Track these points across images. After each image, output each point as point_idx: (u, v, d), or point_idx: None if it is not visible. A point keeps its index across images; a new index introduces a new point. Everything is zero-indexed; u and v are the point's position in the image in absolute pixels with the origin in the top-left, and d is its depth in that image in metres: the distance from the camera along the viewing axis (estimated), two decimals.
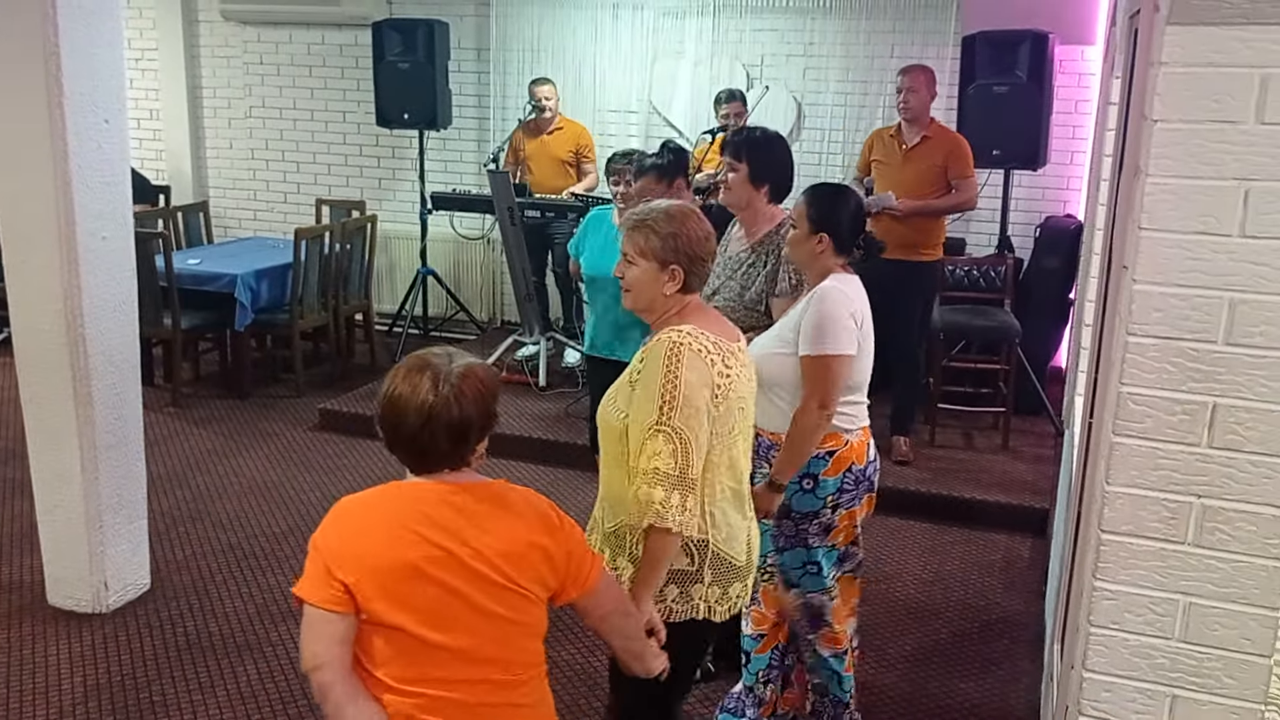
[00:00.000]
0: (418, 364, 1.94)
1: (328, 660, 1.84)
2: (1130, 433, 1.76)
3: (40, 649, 3.73)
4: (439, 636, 1.87)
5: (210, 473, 5.36)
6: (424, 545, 1.86)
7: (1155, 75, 1.63)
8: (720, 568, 2.40)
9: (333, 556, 1.86)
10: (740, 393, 2.39)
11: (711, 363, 2.31)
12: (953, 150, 5.37)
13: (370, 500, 1.95)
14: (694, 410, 2.25)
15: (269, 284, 6.44)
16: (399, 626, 1.85)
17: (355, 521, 1.91)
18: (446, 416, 1.89)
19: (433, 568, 1.86)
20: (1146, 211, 1.67)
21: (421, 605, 1.85)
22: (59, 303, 3.68)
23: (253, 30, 8.09)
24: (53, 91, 3.51)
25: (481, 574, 1.88)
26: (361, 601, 1.84)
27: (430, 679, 1.88)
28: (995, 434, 5.80)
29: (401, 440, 1.92)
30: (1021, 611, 4.21)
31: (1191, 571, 1.79)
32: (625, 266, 2.44)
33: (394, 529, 1.87)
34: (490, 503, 1.94)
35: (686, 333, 2.32)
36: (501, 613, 1.91)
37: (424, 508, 1.90)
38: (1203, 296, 1.68)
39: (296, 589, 1.88)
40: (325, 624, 1.84)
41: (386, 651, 1.87)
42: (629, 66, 7.30)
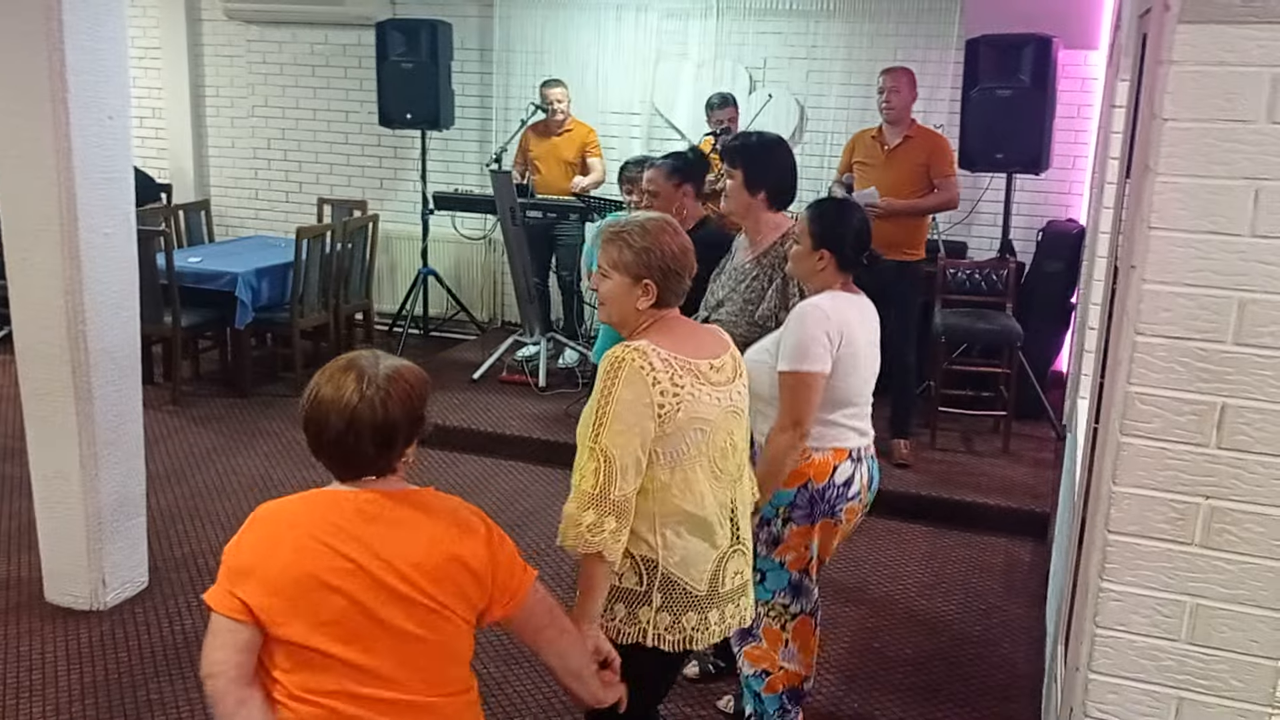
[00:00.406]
0: (344, 365, 1.88)
1: (222, 669, 1.79)
2: (1138, 433, 1.75)
3: (37, 645, 3.72)
4: (343, 651, 1.80)
5: (209, 471, 5.35)
6: (330, 556, 1.79)
7: (1165, 74, 1.63)
8: (672, 592, 2.31)
9: (235, 571, 1.81)
10: (700, 413, 2.26)
11: (654, 381, 2.20)
12: (934, 150, 5.40)
13: (283, 509, 1.88)
14: (624, 428, 2.17)
15: (270, 283, 6.43)
16: (301, 642, 1.79)
17: (264, 533, 1.85)
18: (371, 419, 1.82)
19: (338, 580, 1.79)
20: (1156, 210, 1.66)
21: (326, 619, 1.79)
22: (60, 298, 3.67)
23: (256, 29, 8.09)
24: (56, 86, 3.50)
25: (392, 588, 1.80)
26: (263, 618, 1.78)
27: (335, 692, 1.81)
28: (996, 438, 5.79)
29: (325, 445, 1.85)
30: (1022, 615, 4.20)
31: (1198, 573, 1.78)
32: (600, 279, 2.38)
33: (301, 539, 1.81)
34: (410, 511, 1.87)
35: (634, 349, 2.24)
36: (413, 630, 1.82)
37: (335, 517, 1.83)
38: (1212, 296, 1.67)
39: (205, 595, 1.84)
40: (227, 633, 1.80)
41: (289, 662, 1.81)
42: (632, 68, 7.30)
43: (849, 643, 3.94)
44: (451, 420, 5.78)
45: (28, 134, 3.56)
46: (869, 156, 5.50)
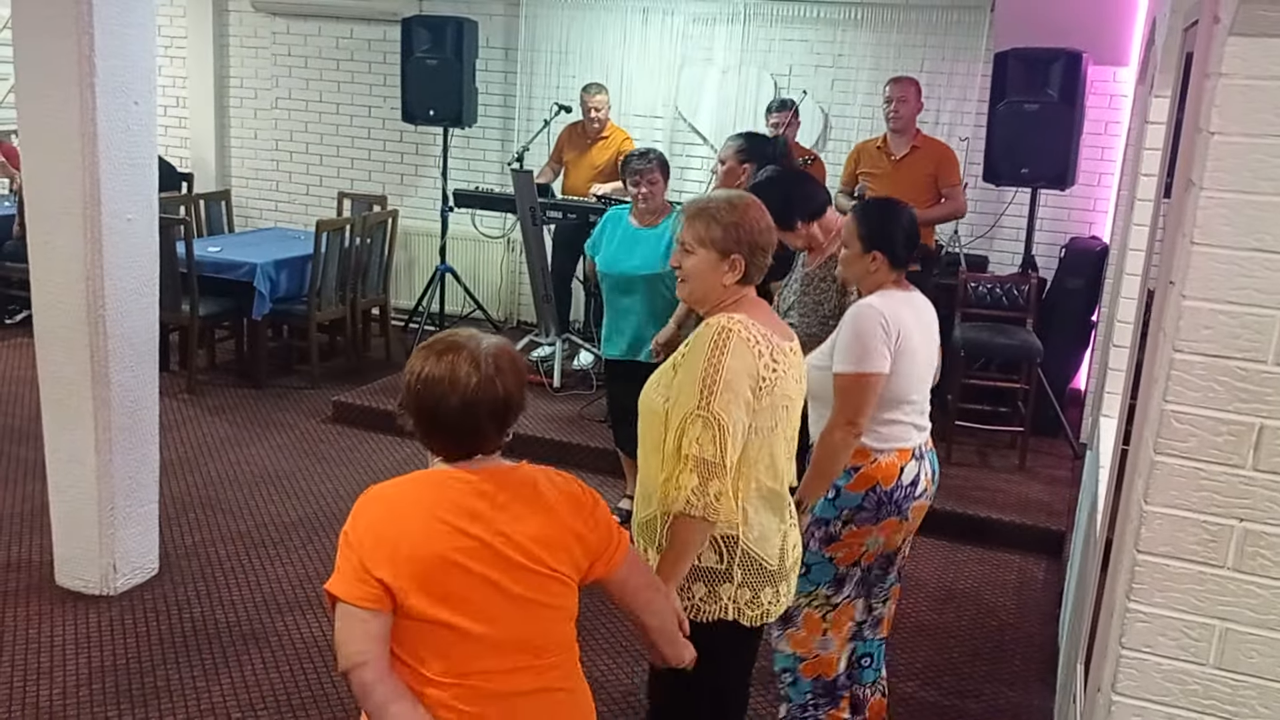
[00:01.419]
0: (447, 345, 1.87)
1: (368, 659, 1.77)
2: (1172, 452, 1.72)
3: (46, 629, 3.72)
4: (476, 627, 1.81)
5: (222, 460, 5.35)
6: (458, 536, 1.80)
7: (1214, 87, 1.59)
8: (750, 568, 2.34)
9: (367, 553, 1.78)
10: (786, 391, 2.32)
11: (759, 354, 2.25)
12: (942, 159, 5.40)
13: (400, 491, 1.87)
14: (734, 396, 2.20)
15: (288, 274, 6.43)
16: (438, 620, 1.79)
17: (387, 514, 1.83)
18: (491, 396, 1.83)
19: (467, 559, 1.80)
20: (1199, 226, 1.63)
21: (458, 597, 1.80)
22: (81, 283, 3.67)
23: (282, 22, 8.10)
24: (84, 71, 3.51)
25: (516, 561, 1.83)
26: (400, 597, 1.77)
27: (469, 671, 1.83)
28: (1012, 453, 5.75)
29: (442, 425, 1.84)
30: (1035, 633, 4.16)
31: (1229, 596, 1.74)
32: (682, 255, 2.37)
33: (427, 521, 1.80)
34: (521, 488, 1.89)
35: (738, 320, 2.27)
36: (536, 598, 1.86)
37: (456, 497, 1.83)
38: (1254, 315, 1.63)
39: (330, 585, 1.80)
40: (363, 621, 1.77)
41: (426, 645, 1.81)
42: (656, 72, 7.29)
43: None
44: None
45: (54, 118, 3.57)
46: (875, 167, 5.49)
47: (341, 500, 4.97)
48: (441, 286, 7.47)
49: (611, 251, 4.63)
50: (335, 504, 4.93)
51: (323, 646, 3.72)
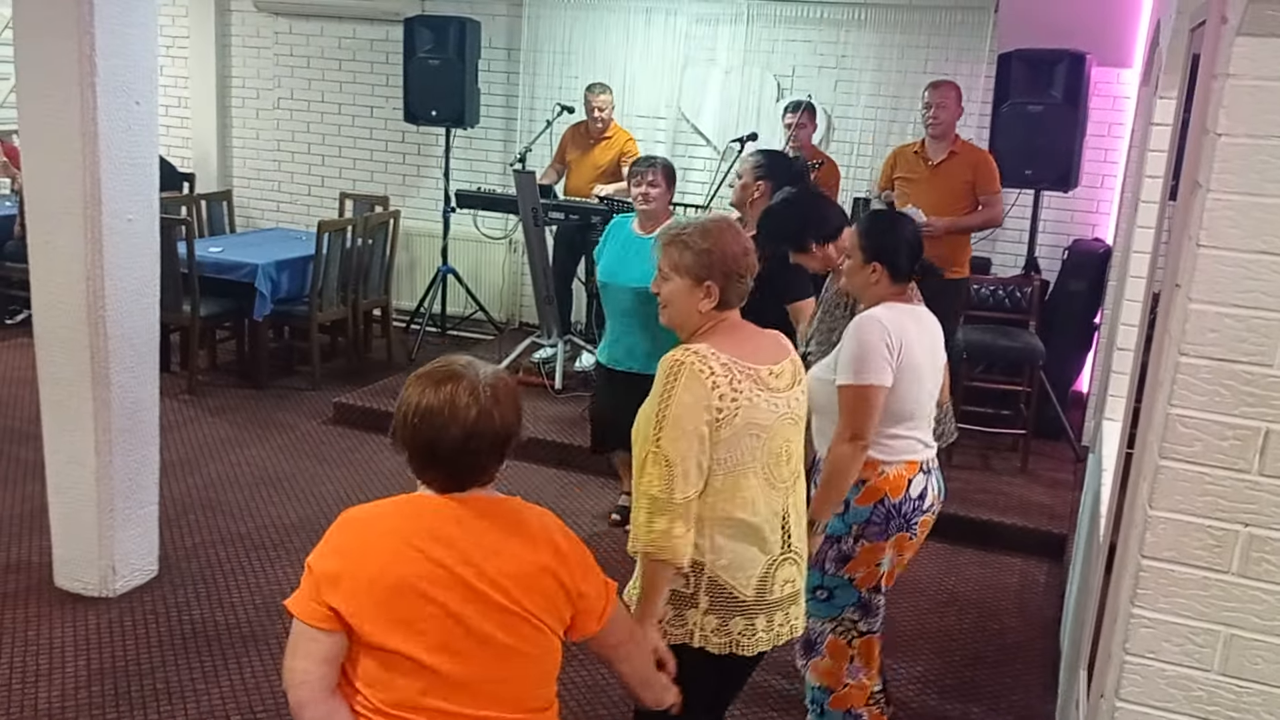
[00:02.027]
0: (444, 374, 1.83)
1: (307, 679, 1.75)
2: (1177, 456, 1.70)
3: (45, 631, 3.70)
4: (436, 661, 1.75)
5: (222, 461, 5.34)
6: (425, 563, 1.75)
7: (1221, 88, 1.58)
8: (718, 596, 2.31)
9: (325, 578, 1.75)
10: (756, 419, 2.26)
11: (714, 385, 2.21)
12: (980, 166, 5.34)
13: (375, 514, 1.84)
14: (681, 433, 2.18)
15: (289, 275, 6.42)
16: (394, 649, 1.74)
17: (356, 538, 1.80)
18: (490, 428, 1.80)
19: (433, 588, 1.74)
20: (1206, 228, 1.61)
21: (421, 627, 1.74)
22: (81, 283, 3.66)
23: (284, 21, 8.09)
24: (85, 70, 3.49)
25: (487, 596, 1.76)
26: (354, 624, 1.73)
27: (419, 706, 1.76)
28: (1014, 456, 5.73)
29: (441, 458, 1.80)
30: (1037, 637, 4.15)
31: (1234, 602, 1.73)
32: (661, 282, 2.38)
33: (396, 546, 1.76)
34: (502, 521, 1.83)
35: (694, 352, 2.25)
36: (507, 641, 1.79)
37: (430, 523, 1.79)
38: (1261, 318, 1.62)
39: (288, 602, 1.79)
40: (311, 641, 1.75)
41: (378, 674, 1.76)
42: (659, 72, 7.27)
43: None
44: None
45: (55, 117, 3.56)
46: (912, 171, 5.44)
47: (342, 502, 4.95)
48: (443, 287, 7.46)
49: (611, 260, 4.61)
50: (336, 506, 4.90)
51: None
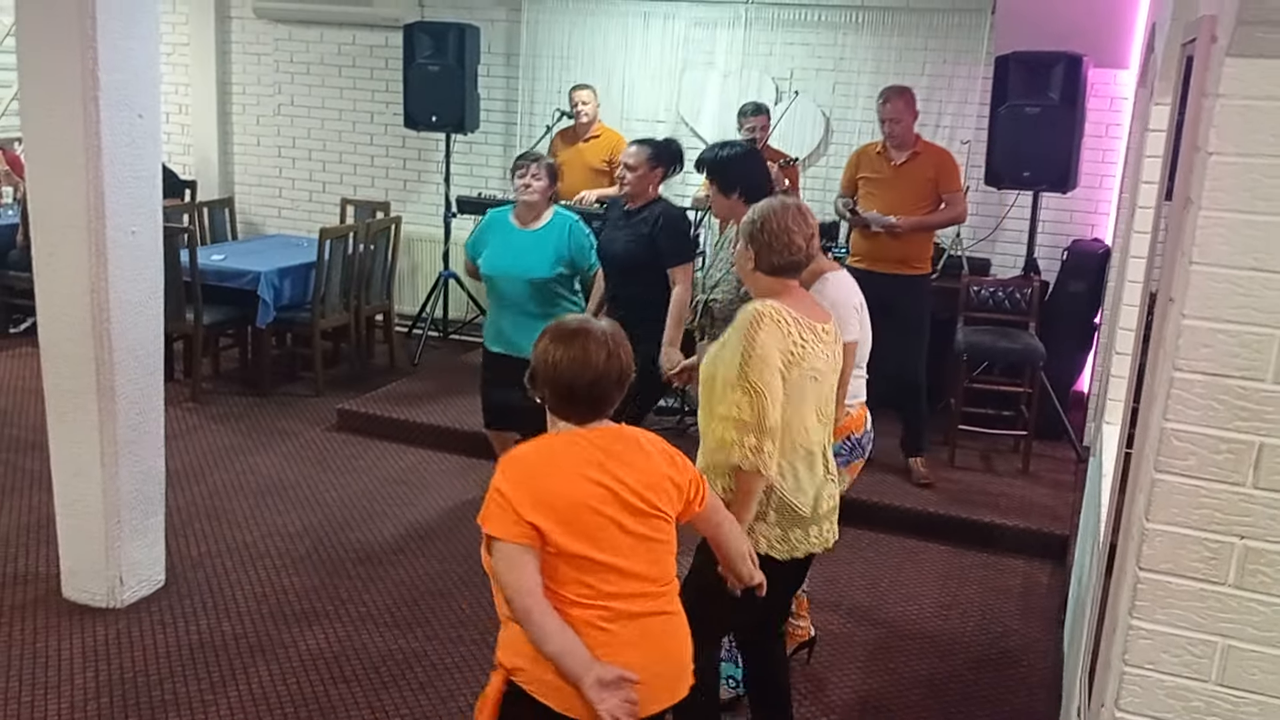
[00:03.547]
0: (574, 329, 2.26)
1: (528, 587, 2.13)
2: (1173, 470, 1.73)
3: (54, 643, 3.73)
4: (606, 558, 2.18)
5: (227, 470, 5.36)
6: (590, 485, 2.18)
7: (1211, 107, 1.60)
8: (785, 512, 2.82)
9: (520, 502, 2.13)
10: (814, 365, 2.77)
11: (787, 332, 2.71)
12: (942, 165, 5.42)
13: (540, 451, 2.24)
14: (766, 366, 2.66)
15: (292, 282, 6.45)
16: (579, 553, 2.16)
17: (532, 470, 2.19)
18: (616, 368, 2.24)
19: (600, 504, 2.18)
20: (1198, 245, 1.63)
21: (593, 534, 2.17)
22: (86, 296, 3.68)
23: (284, 28, 8.12)
24: (88, 85, 3.52)
25: (632, 504, 2.21)
26: (551, 537, 2.13)
27: (604, 594, 2.19)
28: (1016, 457, 5.75)
29: (579, 395, 2.23)
30: (1039, 639, 4.17)
31: (1231, 614, 1.75)
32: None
33: (565, 473, 2.18)
34: (629, 444, 2.28)
35: (770, 305, 2.74)
36: (649, 534, 2.24)
37: (583, 453, 2.21)
38: (1253, 334, 1.64)
39: (487, 528, 2.15)
40: (521, 555, 2.14)
41: (570, 574, 2.17)
42: (658, 76, 7.29)
43: (863, 662, 3.91)
44: (469, 424, 5.78)
45: (58, 131, 3.58)
46: (875, 171, 5.49)
47: (346, 509, 4.98)
48: (445, 292, 7.49)
49: (494, 253, 4.80)
50: (341, 512, 4.94)
51: (329, 658, 3.73)
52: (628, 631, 2.21)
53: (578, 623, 2.17)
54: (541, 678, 2.18)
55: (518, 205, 4.83)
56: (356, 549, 4.58)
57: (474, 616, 4.07)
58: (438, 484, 5.36)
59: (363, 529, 4.78)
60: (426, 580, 4.34)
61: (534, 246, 4.75)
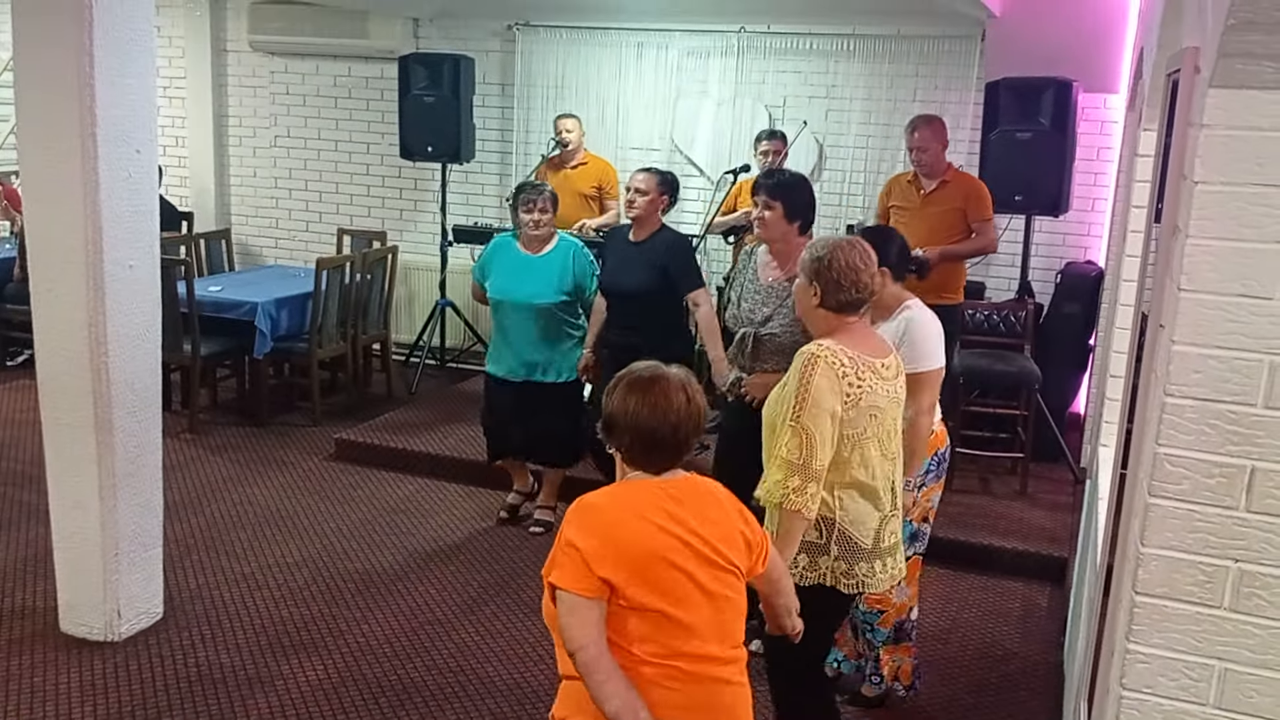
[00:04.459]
0: (650, 378, 2.22)
1: (591, 640, 2.07)
2: (1166, 494, 1.74)
3: (51, 676, 3.72)
4: (680, 614, 2.12)
5: (225, 500, 5.36)
6: (664, 536, 2.12)
7: (1196, 137, 1.63)
8: (845, 545, 2.84)
9: (592, 554, 2.08)
10: (873, 402, 2.78)
11: (843, 374, 2.72)
12: (971, 194, 5.40)
13: (615, 499, 2.19)
14: (820, 410, 2.68)
15: (289, 312, 6.47)
16: (651, 607, 2.10)
17: (605, 519, 2.14)
18: (693, 415, 2.21)
19: (674, 556, 2.12)
20: (1186, 273, 1.66)
21: (667, 588, 2.11)
22: (84, 330, 3.70)
23: (280, 61, 8.18)
24: (85, 122, 3.55)
25: (709, 558, 2.15)
26: (622, 589, 2.08)
27: (674, 652, 2.13)
28: (1013, 480, 5.76)
29: (659, 443, 2.19)
30: (1039, 662, 4.16)
31: (1227, 637, 1.76)
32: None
33: (640, 523, 2.13)
34: (702, 495, 2.24)
35: (825, 347, 2.76)
36: (722, 591, 2.18)
37: (657, 502, 2.16)
38: (1243, 359, 1.66)
39: (555, 580, 2.09)
40: (588, 610, 2.07)
41: (640, 629, 2.11)
42: (652, 104, 7.35)
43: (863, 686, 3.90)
44: (467, 453, 5.78)
45: (56, 168, 3.61)
46: (905, 200, 5.50)
47: (345, 539, 4.98)
48: (442, 321, 7.51)
49: (501, 278, 4.93)
50: (339, 543, 4.94)
51: (328, 689, 3.72)
52: (694, 694, 2.15)
53: (644, 681, 2.10)
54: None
55: (523, 234, 4.92)
56: (355, 579, 4.58)
57: (474, 645, 4.06)
58: (436, 513, 5.35)
59: (361, 559, 4.78)
60: (426, 610, 4.33)
61: (541, 272, 4.88)
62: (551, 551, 2.16)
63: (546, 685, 3.81)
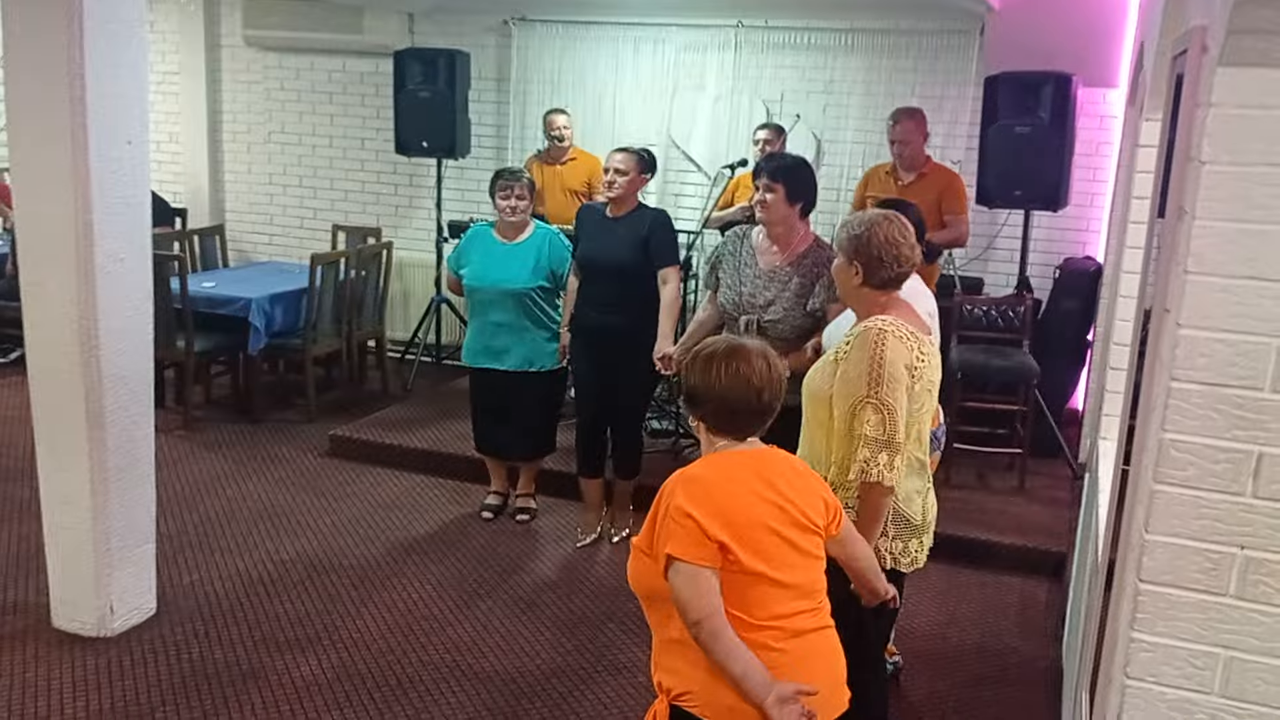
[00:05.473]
0: (730, 349, 2.27)
1: (714, 610, 2.10)
2: (1172, 480, 1.71)
3: (44, 672, 3.68)
4: (783, 576, 2.19)
5: (219, 497, 5.32)
6: (764, 504, 2.19)
7: (1204, 117, 1.60)
8: (900, 524, 2.86)
9: (706, 520, 2.12)
10: (930, 377, 2.79)
11: (910, 347, 2.71)
12: (947, 187, 5.46)
13: (714, 471, 2.23)
14: (896, 384, 2.67)
15: (283, 309, 6.43)
16: (756, 571, 2.15)
17: (710, 489, 2.18)
18: (774, 381, 2.26)
19: (774, 522, 2.19)
20: (1194, 255, 1.63)
21: (769, 552, 2.17)
22: (74, 323, 3.66)
23: (274, 56, 8.14)
24: (76, 113, 3.51)
25: (799, 521, 2.23)
26: (737, 554, 2.13)
27: (778, 614, 2.19)
28: (1011, 475, 5.73)
29: (744, 413, 2.25)
30: (1039, 656, 4.14)
31: (1233, 624, 1.73)
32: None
33: (741, 492, 2.19)
34: (786, 463, 2.33)
35: (890, 322, 2.72)
36: (812, 551, 2.27)
37: (754, 471, 2.23)
38: (1250, 343, 1.63)
39: (672, 550, 2.12)
40: (707, 579, 2.11)
41: (747, 594, 2.16)
42: (649, 99, 7.31)
43: None
44: (462, 449, 5.75)
45: (47, 159, 3.57)
46: (882, 191, 5.51)
47: (340, 535, 4.94)
48: (438, 317, 7.47)
49: (478, 266, 4.93)
50: (334, 539, 4.90)
51: (323, 684, 3.69)
52: (798, 649, 2.22)
53: (762, 644, 2.15)
54: (717, 701, 2.15)
55: (500, 221, 4.89)
56: (350, 575, 4.54)
57: (469, 640, 4.03)
58: (431, 509, 5.32)
59: (356, 554, 4.74)
60: (420, 605, 4.30)
61: (517, 258, 4.89)
62: (648, 524, 2.20)
63: (542, 678, 3.78)
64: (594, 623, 4.22)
